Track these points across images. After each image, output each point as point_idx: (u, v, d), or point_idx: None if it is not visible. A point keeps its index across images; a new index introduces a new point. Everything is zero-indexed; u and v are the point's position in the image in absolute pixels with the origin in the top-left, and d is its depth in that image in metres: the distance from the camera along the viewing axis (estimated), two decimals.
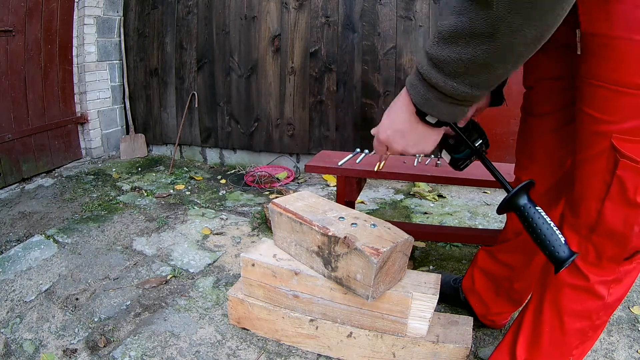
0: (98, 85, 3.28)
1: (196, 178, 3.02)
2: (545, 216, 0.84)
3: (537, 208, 0.84)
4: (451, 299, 1.50)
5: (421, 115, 0.71)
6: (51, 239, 2.05)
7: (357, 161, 1.74)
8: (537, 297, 1.03)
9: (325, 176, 2.95)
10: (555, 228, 0.83)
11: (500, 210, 0.89)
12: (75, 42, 3.13)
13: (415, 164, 1.72)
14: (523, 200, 0.86)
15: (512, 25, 0.56)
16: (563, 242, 0.82)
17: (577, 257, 0.89)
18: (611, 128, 0.79)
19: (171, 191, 2.75)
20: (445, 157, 0.98)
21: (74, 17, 3.09)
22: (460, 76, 0.62)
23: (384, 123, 0.79)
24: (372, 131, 0.85)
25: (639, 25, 0.72)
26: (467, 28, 0.58)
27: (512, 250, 1.26)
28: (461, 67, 0.61)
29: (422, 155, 1.80)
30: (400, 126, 0.75)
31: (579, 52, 0.84)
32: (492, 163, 0.91)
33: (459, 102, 0.66)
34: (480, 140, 0.95)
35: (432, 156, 1.82)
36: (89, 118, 3.23)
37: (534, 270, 1.22)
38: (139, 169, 3.19)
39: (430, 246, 2.00)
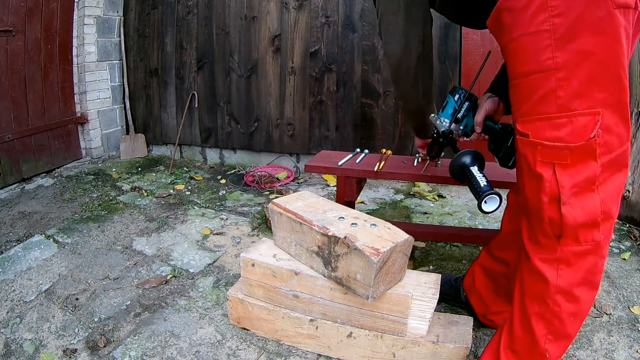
0: (98, 85, 3.28)
1: (196, 178, 3.02)
2: (477, 171, 1.19)
3: (472, 168, 1.21)
4: (452, 299, 1.50)
5: None
6: (51, 239, 2.05)
7: (357, 161, 1.74)
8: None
9: (325, 176, 2.95)
10: (483, 177, 1.16)
11: (451, 170, 1.29)
12: (75, 42, 3.13)
13: (415, 164, 1.72)
14: (466, 160, 1.24)
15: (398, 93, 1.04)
16: (484, 183, 1.14)
17: (525, 236, 1.00)
18: (516, 116, 0.94)
19: (171, 191, 2.75)
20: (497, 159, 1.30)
21: (74, 17, 3.09)
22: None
23: None
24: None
25: (515, 27, 0.88)
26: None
27: (505, 245, 1.27)
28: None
29: (421, 155, 1.81)
30: None
31: None
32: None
33: (411, 125, 1.29)
34: (511, 138, 1.19)
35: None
36: (89, 118, 3.23)
37: None
38: (139, 169, 3.19)
39: (430, 246, 2.00)
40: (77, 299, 1.61)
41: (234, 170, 3.19)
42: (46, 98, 2.94)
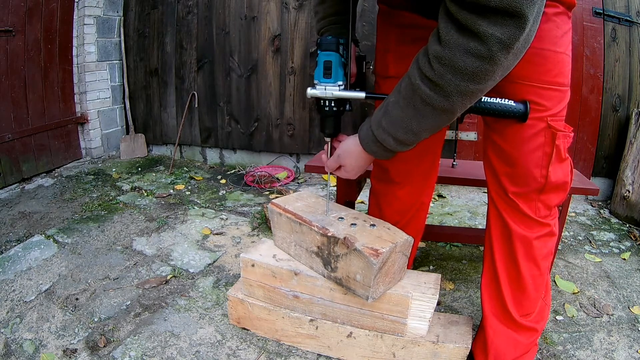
0: (98, 85, 3.28)
1: (196, 178, 3.02)
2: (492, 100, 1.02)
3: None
4: None
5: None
6: (51, 239, 2.05)
7: None
8: (509, 265, 1.15)
9: (325, 176, 2.95)
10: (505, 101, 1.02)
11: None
12: (75, 42, 3.13)
13: None
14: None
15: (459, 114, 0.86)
16: (514, 103, 1.01)
17: (533, 215, 1.11)
18: (546, 114, 1.03)
19: (171, 191, 2.75)
20: None
21: (74, 17, 3.09)
22: (413, 144, 0.93)
23: (352, 167, 1.05)
24: (343, 174, 1.09)
25: (559, 41, 0.99)
26: (433, 126, 0.86)
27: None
28: (417, 142, 0.92)
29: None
30: (364, 168, 1.06)
31: None
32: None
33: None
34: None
35: None
36: (89, 118, 3.23)
37: None
38: (139, 169, 3.19)
39: (430, 246, 2.00)
40: (77, 299, 1.61)
41: (234, 170, 3.19)
42: (46, 98, 2.94)
